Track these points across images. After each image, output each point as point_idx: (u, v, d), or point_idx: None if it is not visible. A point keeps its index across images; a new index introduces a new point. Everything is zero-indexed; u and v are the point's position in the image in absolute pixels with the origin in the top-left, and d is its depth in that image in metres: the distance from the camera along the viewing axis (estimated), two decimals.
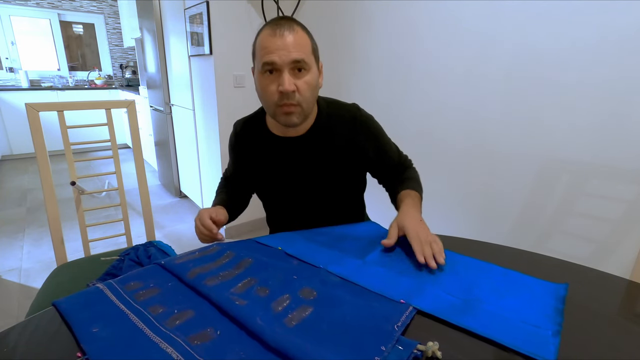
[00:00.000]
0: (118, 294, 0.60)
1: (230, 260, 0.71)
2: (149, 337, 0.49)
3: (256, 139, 0.92)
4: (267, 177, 0.94)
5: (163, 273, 0.67)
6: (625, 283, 0.68)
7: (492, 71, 1.42)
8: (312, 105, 0.83)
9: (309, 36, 0.79)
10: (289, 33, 0.74)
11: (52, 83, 4.79)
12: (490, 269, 0.69)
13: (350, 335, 0.49)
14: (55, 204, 1.13)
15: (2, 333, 0.53)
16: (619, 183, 1.15)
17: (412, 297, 0.59)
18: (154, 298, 0.59)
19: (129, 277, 0.66)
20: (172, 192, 3.16)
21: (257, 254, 0.73)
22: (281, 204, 0.98)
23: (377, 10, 1.83)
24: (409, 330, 0.52)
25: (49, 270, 1.32)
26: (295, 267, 0.68)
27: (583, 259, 1.26)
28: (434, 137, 1.67)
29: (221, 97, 2.23)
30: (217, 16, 2.09)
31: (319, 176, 0.91)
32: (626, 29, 1.07)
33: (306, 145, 0.89)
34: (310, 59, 0.78)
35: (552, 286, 0.63)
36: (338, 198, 0.95)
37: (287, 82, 0.74)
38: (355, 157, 0.91)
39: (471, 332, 0.51)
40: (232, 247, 0.77)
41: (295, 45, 0.74)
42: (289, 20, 0.76)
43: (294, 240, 0.80)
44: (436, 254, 0.68)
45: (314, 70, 0.79)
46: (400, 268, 0.69)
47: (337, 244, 0.77)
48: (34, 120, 1.06)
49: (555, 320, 0.54)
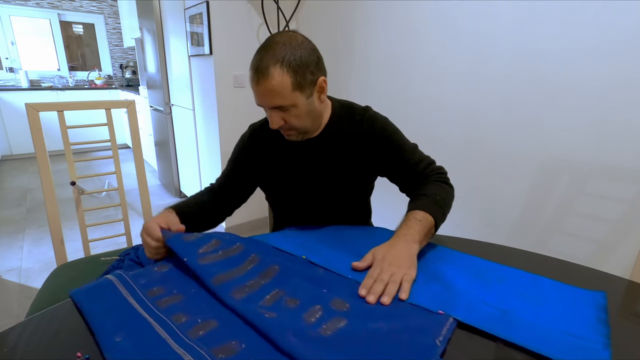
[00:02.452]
0: (141, 301, 0.58)
1: (256, 267, 0.67)
2: (173, 349, 0.48)
3: (270, 140, 0.93)
4: (278, 178, 0.94)
5: (185, 277, 0.65)
6: (625, 283, 0.68)
7: (492, 71, 1.42)
8: (311, 124, 0.84)
9: (291, 72, 0.73)
10: (263, 80, 0.73)
11: (52, 83, 4.79)
12: (519, 275, 0.66)
13: (390, 350, 0.47)
14: (55, 204, 1.13)
15: (2, 333, 0.53)
16: (619, 183, 1.15)
17: (448, 307, 0.55)
18: (177, 305, 0.57)
19: (152, 282, 0.63)
20: (172, 192, 3.16)
21: (281, 259, 0.70)
22: (290, 205, 0.98)
23: (377, 10, 1.83)
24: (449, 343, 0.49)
25: (49, 270, 1.32)
26: (321, 277, 0.65)
27: (583, 259, 1.26)
28: (433, 137, 1.67)
29: (221, 97, 2.23)
30: (217, 16, 2.09)
31: (329, 178, 0.91)
32: (626, 29, 1.07)
33: (318, 147, 0.89)
34: (292, 97, 0.75)
35: (590, 294, 0.59)
36: (346, 200, 0.95)
37: (272, 121, 0.79)
38: (366, 160, 0.90)
39: (513, 345, 0.48)
40: (254, 247, 0.74)
41: (271, 94, 0.74)
42: (267, 59, 0.72)
43: (312, 246, 0.77)
44: (385, 294, 0.58)
45: (301, 103, 0.77)
46: (427, 276, 0.65)
47: (358, 250, 0.73)
48: (34, 120, 1.06)
49: (602, 332, 0.51)
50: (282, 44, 0.74)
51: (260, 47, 0.76)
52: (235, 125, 2.31)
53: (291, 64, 0.73)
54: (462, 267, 0.69)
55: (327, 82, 0.81)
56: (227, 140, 2.30)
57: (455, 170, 1.69)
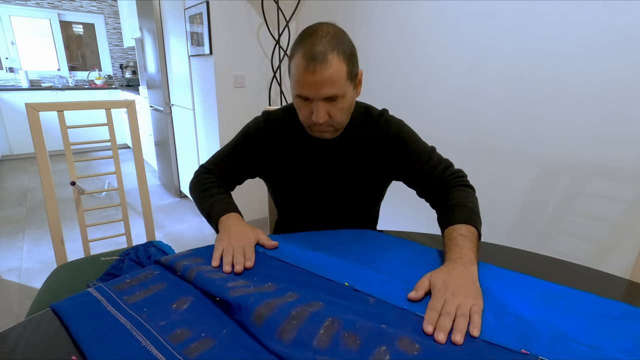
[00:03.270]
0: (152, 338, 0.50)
1: (296, 301, 0.57)
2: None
3: (287, 134, 0.89)
4: (289, 175, 0.91)
5: (218, 312, 0.55)
6: (625, 283, 0.68)
7: (492, 71, 1.42)
8: (346, 121, 0.82)
9: (346, 61, 0.72)
10: (322, 68, 0.69)
11: (52, 83, 4.79)
12: (588, 300, 0.59)
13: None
14: (55, 204, 1.13)
15: (2, 333, 0.53)
16: (619, 183, 1.15)
17: (531, 345, 0.48)
18: (208, 352, 0.47)
19: (177, 323, 0.53)
20: (172, 192, 3.16)
21: (322, 294, 0.59)
22: (298, 204, 0.95)
23: (377, 10, 1.83)
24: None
25: (49, 270, 1.32)
26: (375, 309, 0.56)
27: (583, 259, 1.26)
28: (433, 138, 1.67)
29: (221, 97, 2.23)
30: (217, 16, 2.09)
31: (343, 181, 0.89)
32: (626, 29, 1.07)
33: (335, 148, 0.87)
34: (345, 87, 0.73)
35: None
36: (357, 205, 0.93)
37: (319, 114, 0.74)
38: (381, 164, 0.88)
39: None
40: (290, 282, 0.63)
41: (327, 82, 0.70)
42: (325, 46, 0.69)
43: (351, 269, 0.67)
44: (456, 330, 0.50)
45: (349, 94, 0.76)
46: (493, 304, 0.57)
47: (405, 274, 0.65)
48: (34, 120, 1.06)
49: None
50: (332, 33, 0.72)
51: (305, 35, 0.72)
52: (235, 125, 2.30)
53: (345, 53, 0.72)
54: (521, 289, 0.62)
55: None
56: (227, 140, 2.29)
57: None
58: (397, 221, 1.90)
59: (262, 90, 2.41)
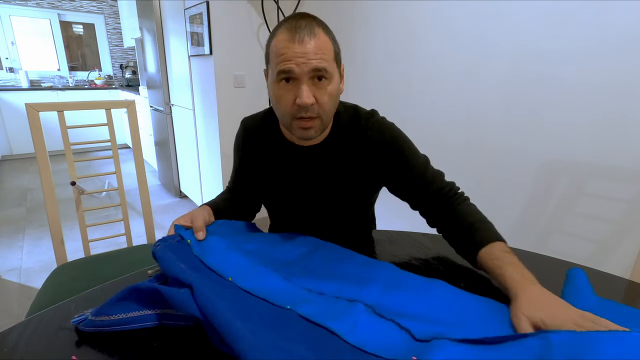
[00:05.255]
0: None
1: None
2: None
3: (267, 143, 0.83)
4: (275, 185, 0.86)
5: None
6: (625, 283, 0.68)
7: (492, 71, 1.42)
8: (331, 116, 0.75)
9: (332, 39, 0.70)
10: (309, 38, 0.65)
11: (52, 83, 4.79)
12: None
13: None
14: (55, 204, 1.13)
15: (2, 333, 0.53)
16: (619, 183, 1.15)
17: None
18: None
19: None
20: (172, 192, 3.16)
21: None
22: (287, 214, 0.91)
23: (376, 10, 1.83)
24: None
25: (49, 270, 1.32)
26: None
27: (583, 259, 1.26)
28: (433, 138, 1.67)
29: (221, 97, 2.23)
30: (217, 16, 2.09)
31: (331, 188, 0.82)
32: (626, 29, 1.07)
33: (321, 156, 0.80)
34: (333, 66, 0.68)
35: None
36: (349, 212, 0.87)
37: (306, 94, 0.65)
38: (372, 171, 0.80)
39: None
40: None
41: (316, 53, 0.65)
42: (309, 21, 0.67)
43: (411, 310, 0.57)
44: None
45: (336, 79, 0.70)
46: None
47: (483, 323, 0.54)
48: (34, 120, 1.06)
49: None
50: (313, 16, 0.70)
51: (286, 17, 0.71)
52: (235, 125, 2.29)
53: (330, 34, 0.70)
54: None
55: None
56: (227, 140, 2.30)
57: (454, 170, 1.69)
58: (398, 221, 1.90)
59: (262, 90, 2.41)
